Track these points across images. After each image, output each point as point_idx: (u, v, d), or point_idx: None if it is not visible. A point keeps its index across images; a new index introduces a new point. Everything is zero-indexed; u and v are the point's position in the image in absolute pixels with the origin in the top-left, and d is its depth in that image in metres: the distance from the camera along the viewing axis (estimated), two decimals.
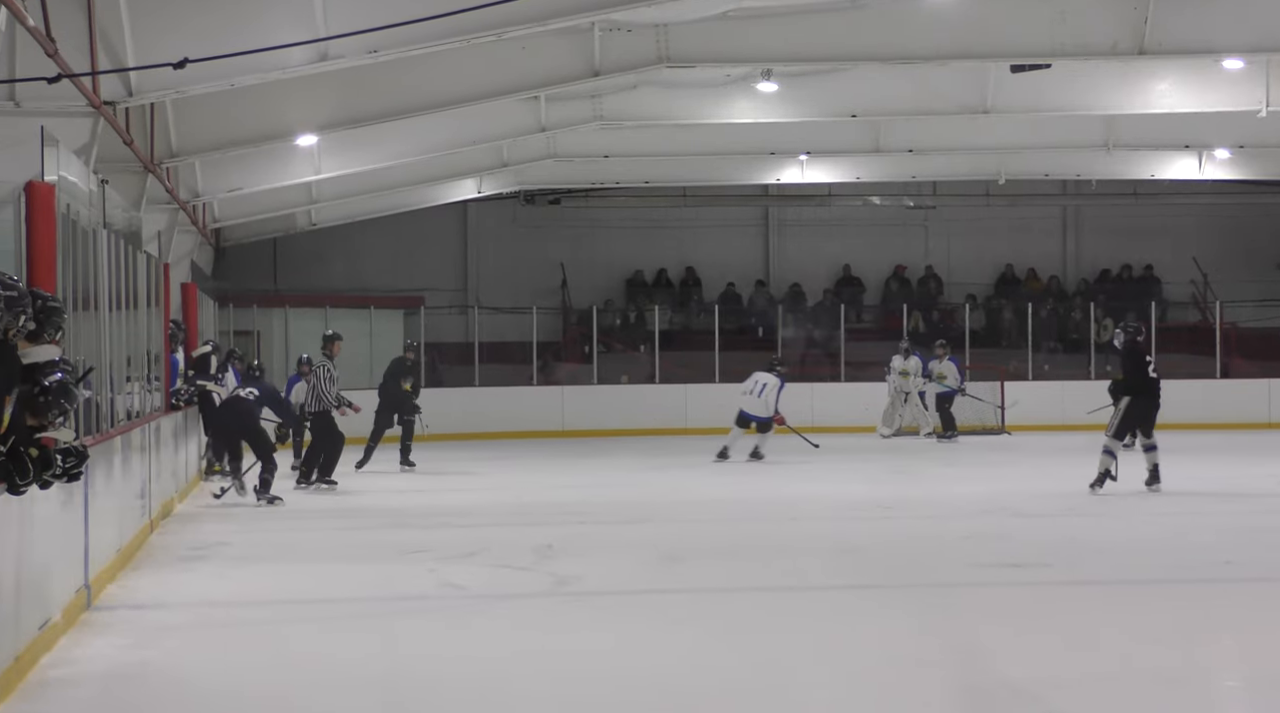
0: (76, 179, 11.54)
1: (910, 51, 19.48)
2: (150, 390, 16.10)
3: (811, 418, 29.49)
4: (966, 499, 17.70)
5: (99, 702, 8.26)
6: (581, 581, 12.04)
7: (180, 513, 17.21)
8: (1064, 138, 26.26)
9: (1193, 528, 15.10)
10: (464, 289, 34.37)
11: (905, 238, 35.47)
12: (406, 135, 22.20)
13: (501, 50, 18.55)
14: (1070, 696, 7.99)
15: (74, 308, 11.06)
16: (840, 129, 25.39)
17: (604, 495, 18.92)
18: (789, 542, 14.28)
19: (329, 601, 11.44)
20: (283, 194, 24.80)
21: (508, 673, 8.72)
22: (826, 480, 20.41)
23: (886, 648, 9.34)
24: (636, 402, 30.39)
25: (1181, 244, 34.89)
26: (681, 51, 19.10)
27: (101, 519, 11.52)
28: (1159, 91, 22.27)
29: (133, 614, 10.76)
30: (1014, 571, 12.51)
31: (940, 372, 27.53)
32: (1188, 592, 11.60)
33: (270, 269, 32.74)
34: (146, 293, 15.73)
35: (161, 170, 18.46)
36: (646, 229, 34.79)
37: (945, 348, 28.14)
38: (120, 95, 14.64)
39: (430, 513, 16.88)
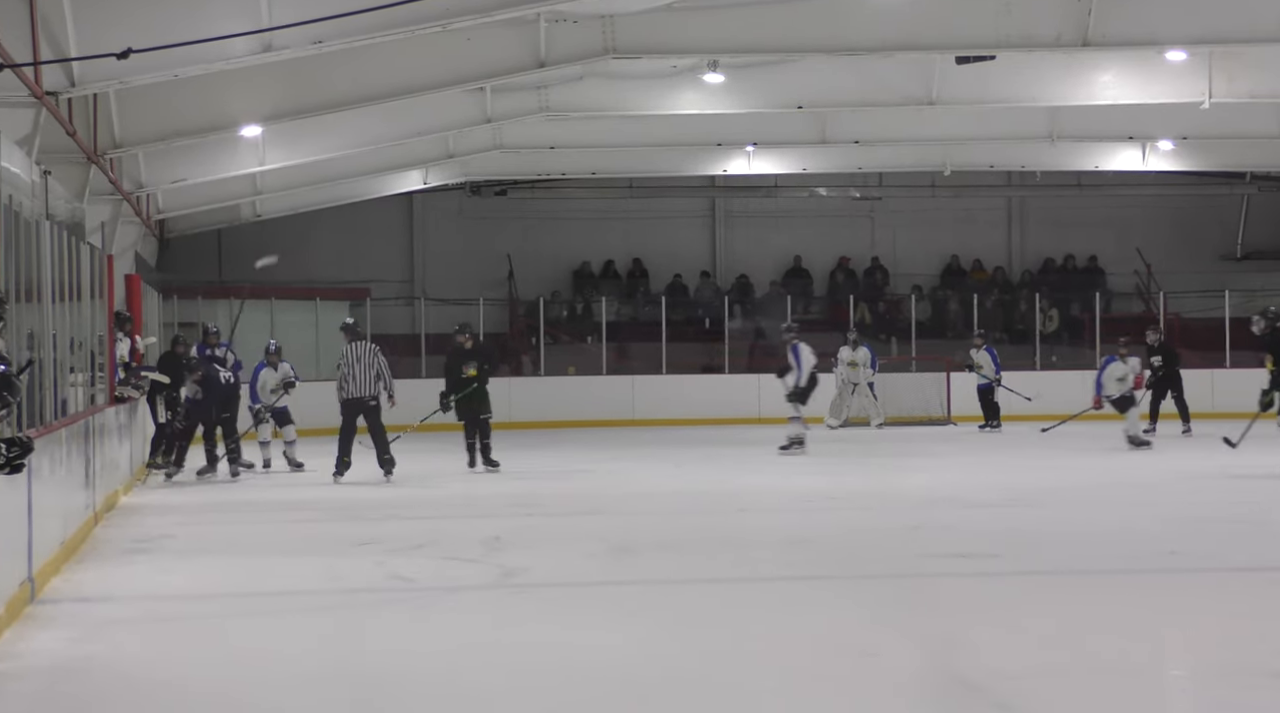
0: (19, 170, 11.44)
1: (856, 43, 19.55)
2: (94, 382, 16.00)
3: (759, 410, 29.59)
4: (915, 490, 17.75)
5: (43, 696, 8.19)
6: (529, 572, 12.00)
7: (125, 505, 17.11)
8: (1009, 129, 26.40)
9: (1139, 518, 15.17)
10: (410, 281, 34.30)
11: (851, 229, 35.56)
12: (351, 127, 22.16)
13: (447, 41, 18.53)
14: (1018, 687, 8.01)
15: (16, 300, 10.96)
16: (786, 120, 25.45)
17: (552, 487, 18.90)
18: (738, 533, 14.29)
19: (276, 594, 11.39)
20: (227, 185, 24.70)
21: (456, 665, 8.69)
22: (775, 472, 20.43)
23: (836, 639, 9.35)
24: (584, 393, 30.40)
25: (1125, 235, 35.09)
26: (628, 42, 19.11)
27: (45, 512, 11.43)
28: (1103, 83, 22.41)
29: (77, 608, 10.69)
30: (962, 561, 12.54)
31: (978, 362, 27.59)
32: (1134, 582, 11.63)
33: (215, 261, 32.56)
34: (90, 285, 15.62)
35: (105, 161, 18.36)
36: (593, 220, 34.77)
37: (983, 338, 28.25)
38: (63, 85, 14.56)
39: (378, 505, 16.82)
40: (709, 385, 30.84)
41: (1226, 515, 15.15)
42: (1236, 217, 35.60)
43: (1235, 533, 14.03)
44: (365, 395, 19.02)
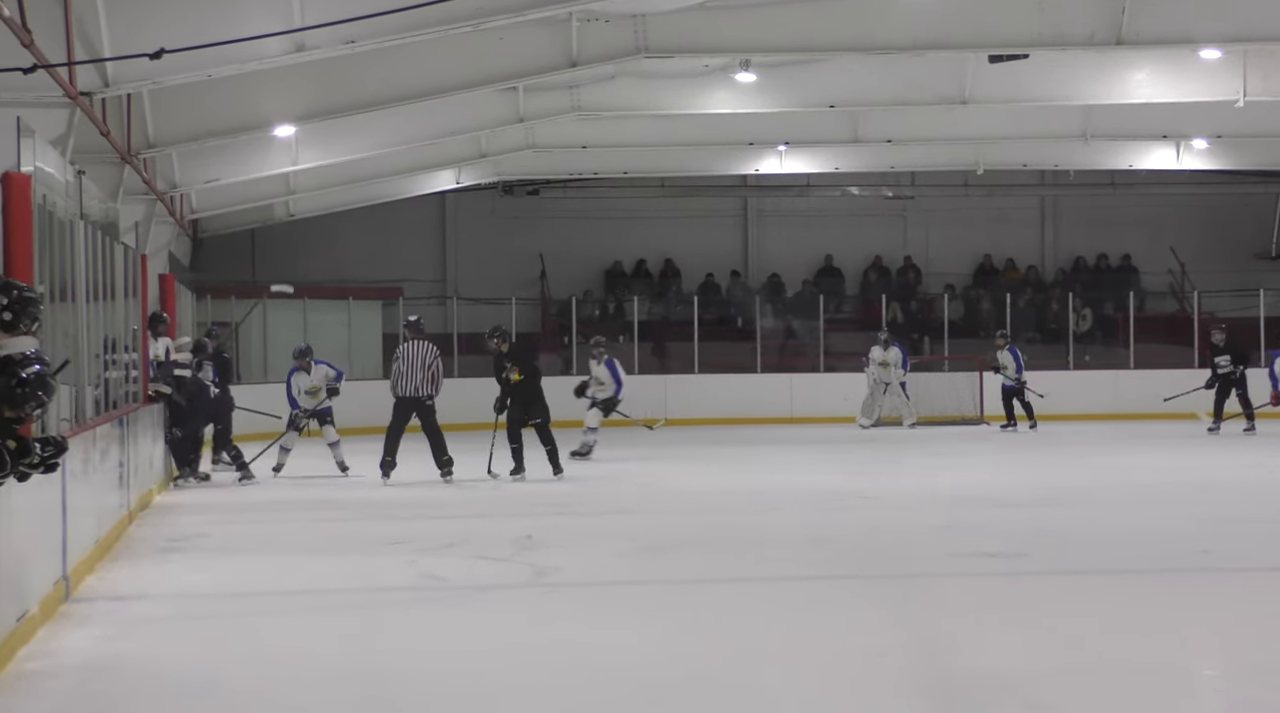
0: (53, 170, 11.50)
1: (889, 42, 19.50)
2: (129, 381, 16.07)
3: (791, 409, 29.59)
4: (944, 489, 17.72)
5: (77, 694, 8.24)
6: (559, 572, 12.03)
7: (159, 504, 17.18)
8: (1042, 128, 26.31)
9: (1170, 517, 15.14)
10: (443, 280, 34.35)
11: (883, 228, 35.49)
12: (384, 126, 22.19)
13: (479, 41, 18.54)
14: (1046, 687, 8.00)
15: (51, 299, 11.02)
16: (819, 119, 25.41)
17: (583, 487, 18.91)
18: (766, 533, 14.29)
19: (308, 592, 11.43)
20: (260, 185, 24.76)
21: (486, 665, 8.72)
22: (805, 472, 20.43)
23: (861, 639, 9.35)
24: None
25: (1159, 234, 34.96)
26: (659, 42, 19.09)
27: (80, 510, 11.49)
28: (1136, 82, 22.32)
29: (111, 606, 10.74)
30: (991, 561, 12.53)
31: (1002, 363, 27.54)
32: (1166, 582, 11.61)
33: (248, 260, 32.66)
34: (124, 284, 15.69)
35: (138, 161, 18.42)
36: (625, 220, 34.77)
37: (1005, 338, 28.14)
38: (96, 86, 14.61)
39: (409, 505, 16.86)
40: (740, 385, 30.80)
41: (1261, 515, 15.10)
42: (1271, 215, 35.44)
43: (1271, 533, 13.98)
44: (421, 395, 18.81)
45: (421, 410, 18.85)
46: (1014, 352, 27.73)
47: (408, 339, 19.23)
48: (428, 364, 18.86)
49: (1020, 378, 27.38)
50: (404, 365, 18.89)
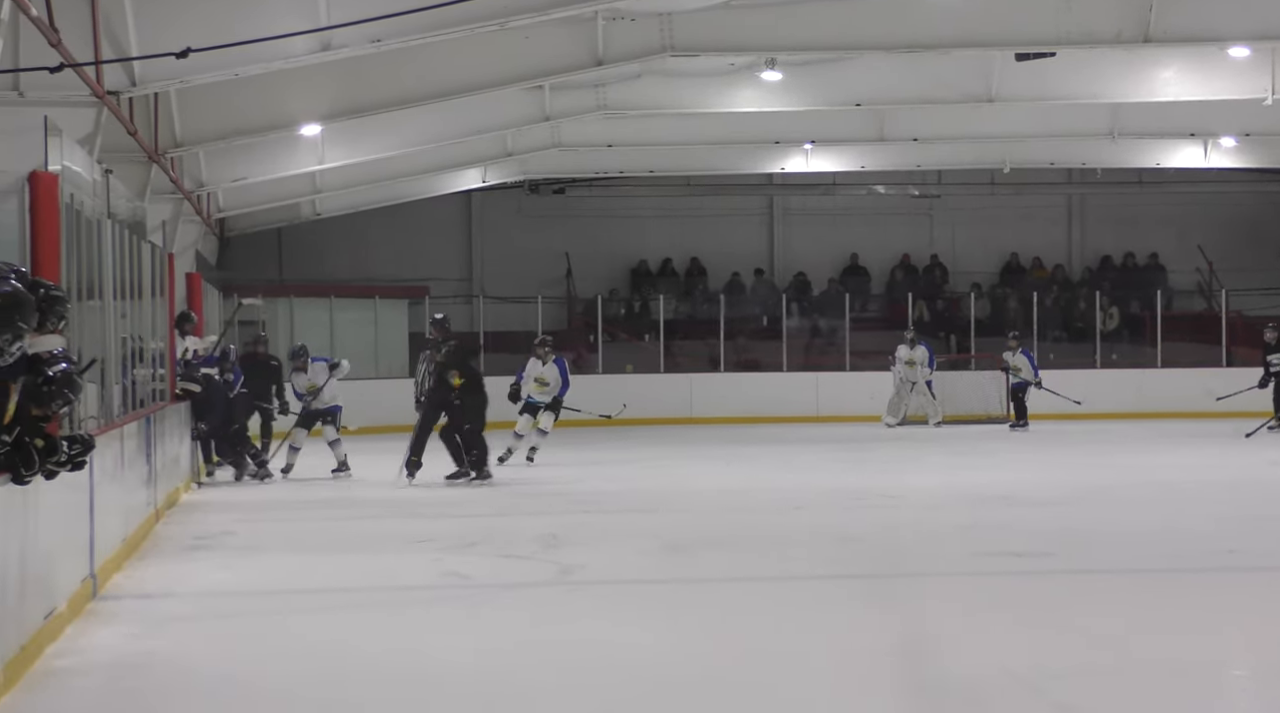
0: (80, 169, 11.55)
1: (915, 40, 19.47)
2: (156, 379, 16.12)
3: (817, 408, 29.56)
4: (969, 489, 17.70)
5: (105, 692, 8.27)
6: (584, 570, 12.05)
7: (186, 502, 17.23)
8: (1069, 126, 26.25)
9: (1196, 517, 15.09)
10: (469, 279, 34.37)
11: (910, 227, 35.42)
12: (410, 125, 22.22)
13: (505, 40, 18.56)
14: (1071, 686, 7.99)
15: (78, 298, 11.07)
16: (845, 118, 25.39)
17: (607, 485, 18.93)
18: (791, 532, 14.29)
19: (334, 590, 11.46)
20: (287, 184, 24.81)
21: (510, 662, 8.73)
22: (830, 471, 20.41)
23: (885, 638, 9.35)
24: (641, 391, 30.37)
25: (1187, 232, 34.84)
26: (685, 40, 19.09)
27: (107, 509, 11.53)
28: (1164, 80, 22.26)
29: (138, 604, 10.78)
30: (1015, 560, 12.51)
31: (1015, 364, 27.53)
32: (1191, 581, 11.59)
33: (275, 259, 32.73)
34: (151, 283, 15.74)
35: (165, 160, 18.48)
36: (651, 218, 34.76)
37: (1018, 340, 28.16)
38: (124, 85, 14.67)
39: (434, 503, 16.89)
40: (766, 383, 30.78)
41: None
42: None
43: None
44: (450, 396, 18.52)
45: (450, 409, 18.61)
46: (1027, 354, 27.75)
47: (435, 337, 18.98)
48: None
49: (1037, 380, 27.37)
50: (430, 365, 18.66)
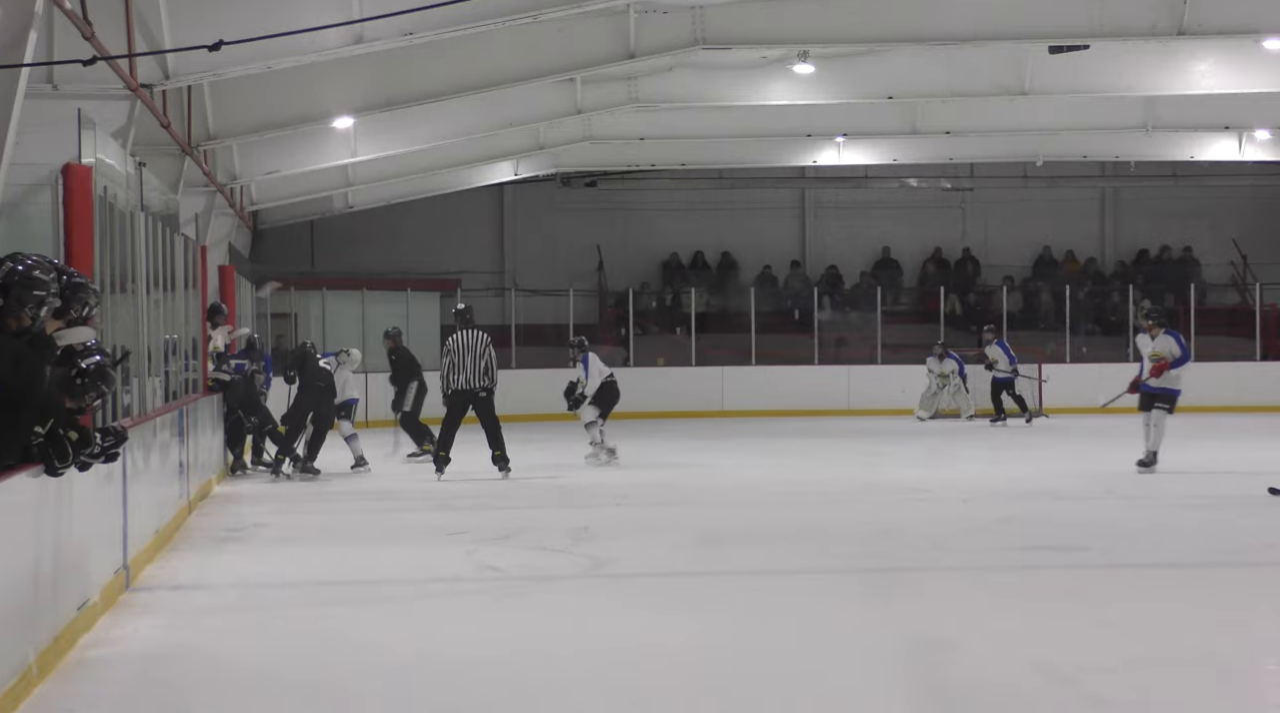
0: (114, 162, 11.57)
1: (948, 33, 19.41)
2: (188, 371, 16.15)
3: (848, 401, 29.50)
4: (1004, 482, 17.63)
5: (137, 682, 8.28)
6: (617, 563, 12.04)
7: (218, 494, 17.26)
8: (1102, 119, 26.16)
9: (1234, 511, 15.00)
10: (501, 272, 34.42)
11: (942, 220, 35.38)
12: (442, 118, 22.22)
13: (537, 32, 18.56)
14: (1106, 681, 7.95)
15: (111, 290, 11.09)
16: (877, 111, 25.33)
17: (640, 478, 18.89)
18: (824, 525, 14.25)
19: (366, 583, 11.46)
20: (319, 177, 24.85)
21: (544, 655, 8.72)
22: (863, 463, 20.36)
23: (922, 631, 9.32)
24: (673, 384, 30.39)
25: (1221, 226, 34.73)
26: (717, 33, 19.05)
27: (140, 501, 11.56)
28: (1199, 72, 22.15)
29: (171, 596, 10.80)
30: (1052, 554, 12.47)
31: (992, 357, 27.48)
32: (1229, 576, 11.53)
33: (307, 252, 32.82)
34: (184, 275, 15.77)
35: (199, 153, 18.51)
36: (683, 211, 34.77)
37: (994, 332, 28.10)
38: (157, 78, 14.69)
39: (467, 495, 16.89)
40: (798, 376, 30.73)
41: None
42: None
43: None
44: (475, 386, 18.23)
45: (477, 403, 18.36)
46: (1004, 346, 27.67)
47: (457, 329, 18.70)
48: (480, 354, 18.33)
49: (1013, 369, 27.34)
50: (455, 357, 18.37)
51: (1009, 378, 27.41)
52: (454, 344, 18.47)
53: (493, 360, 18.46)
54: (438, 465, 18.39)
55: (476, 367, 18.30)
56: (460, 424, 18.51)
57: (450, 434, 18.44)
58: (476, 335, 18.45)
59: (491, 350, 18.45)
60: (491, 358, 18.44)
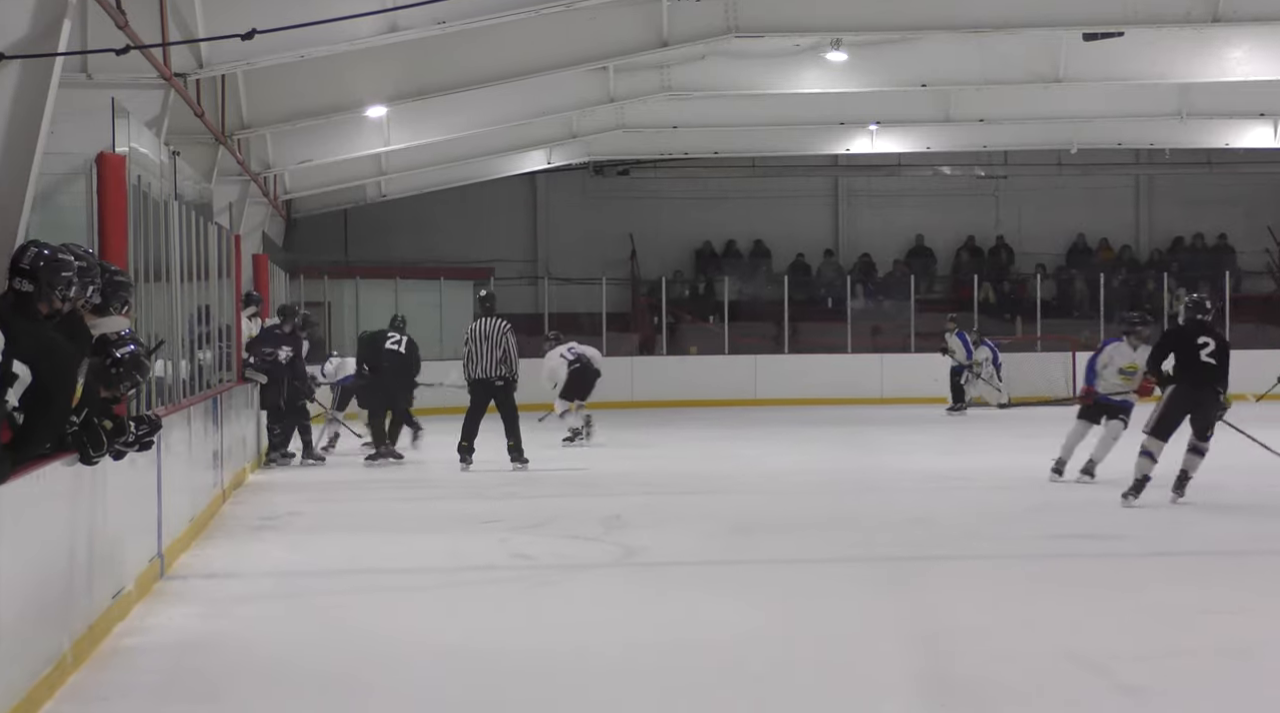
0: (147, 151, 11.60)
1: (981, 20, 19.32)
2: (223, 361, 16.19)
3: (881, 390, 29.45)
4: (1040, 470, 17.54)
5: (172, 671, 8.30)
6: (649, 551, 12.04)
7: (252, 483, 17.30)
8: (1137, 107, 26.04)
9: (1270, 497, 14.95)
10: (534, 260, 34.45)
11: (975, 208, 35.29)
12: (475, 107, 22.23)
13: (570, 21, 18.54)
14: (1139, 669, 7.93)
15: (145, 279, 11.12)
16: (910, 99, 25.25)
17: (673, 466, 18.90)
18: (858, 513, 14.22)
19: (400, 571, 11.48)
20: (353, 166, 24.90)
21: (576, 644, 8.72)
22: (897, 451, 20.33)
23: (954, 619, 9.31)
24: (705, 373, 30.39)
25: (1256, 213, 34.57)
26: (750, 21, 19.00)
27: (174, 489, 11.59)
28: (1234, 59, 22.03)
29: (205, 584, 10.82)
30: (1086, 542, 12.43)
31: (951, 347, 27.44)
32: (1267, 563, 11.49)
33: (341, 240, 32.88)
34: (218, 264, 15.81)
35: (232, 142, 18.56)
36: (715, 200, 34.75)
37: (955, 322, 28.03)
38: (191, 67, 14.73)
39: (499, 484, 16.90)
40: (831, 365, 30.70)
41: None
42: None
43: None
44: (491, 376, 17.92)
45: (495, 393, 17.98)
46: (962, 336, 27.55)
47: (478, 316, 18.45)
48: (496, 343, 17.91)
49: (968, 363, 27.23)
50: (474, 346, 18.03)
51: (960, 368, 27.34)
52: (473, 332, 18.21)
53: (511, 350, 18.01)
54: (462, 456, 18.13)
55: (493, 356, 17.93)
56: (483, 414, 18.23)
57: (473, 425, 18.20)
58: (495, 324, 18.09)
59: (510, 339, 18.03)
60: (510, 347, 18.00)
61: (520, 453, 18.04)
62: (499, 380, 17.98)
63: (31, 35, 9.67)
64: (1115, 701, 7.46)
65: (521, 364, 18.23)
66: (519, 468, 17.92)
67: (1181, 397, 14.12)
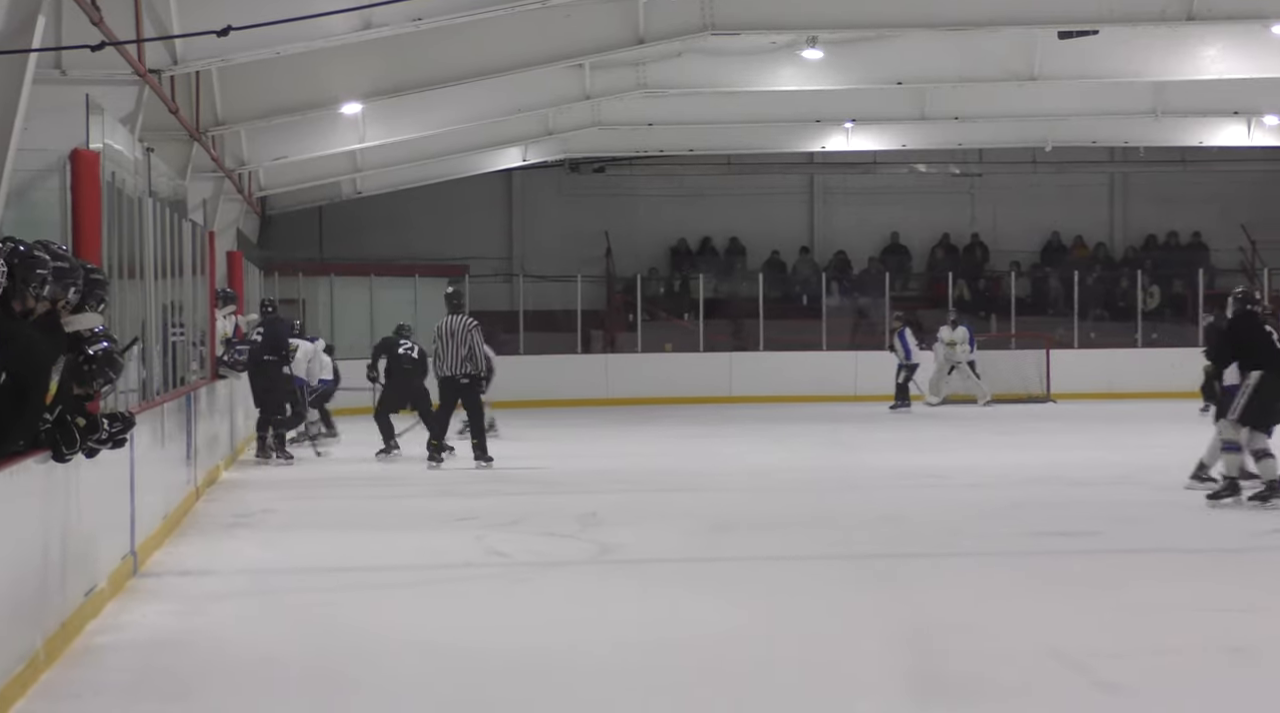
0: (122, 147, 11.55)
1: (957, 18, 19.33)
2: (196, 358, 16.13)
3: (855, 387, 29.46)
4: (1016, 468, 17.60)
5: (144, 668, 8.27)
6: (625, 549, 12.03)
7: (226, 480, 17.25)
8: (1112, 105, 26.09)
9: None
10: (509, 257, 34.39)
11: (951, 206, 35.31)
12: (451, 104, 22.18)
13: (546, 18, 18.50)
14: (1119, 666, 7.93)
15: (119, 276, 11.07)
16: (886, 96, 25.26)
17: (648, 464, 18.89)
18: (835, 511, 14.22)
19: (375, 568, 11.44)
20: (328, 162, 24.83)
21: (552, 641, 8.70)
22: (874, 449, 20.35)
23: (934, 617, 9.31)
24: (681, 370, 30.38)
25: (1230, 211, 34.64)
26: (726, 18, 18.99)
27: (148, 486, 11.54)
28: (1208, 58, 22.08)
29: (179, 581, 10.79)
30: (1065, 539, 12.45)
31: (896, 344, 27.46)
32: (1243, 561, 11.51)
33: (316, 238, 32.79)
34: (192, 261, 15.75)
35: (207, 139, 18.49)
36: (691, 197, 34.72)
37: (901, 320, 28.06)
38: (165, 63, 14.68)
39: (475, 481, 16.88)
40: (806, 362, 30.71)
41: None
42: None
43: None
44: (456, 374, 17.79)
45: (461, 391, 17.87)
46: (903, 337, 27.57)
47: (446, 314, 18.25)
48: (461, 340, 17.76)
49: (908, 362, 27.25)
50: (440, 343, 17.94)
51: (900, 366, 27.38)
52: (439, 330, 18.07)
53: (477, 347, 17.86)
54: (431, 455, 18.03)
55: (458, 354, 17.77)
56: (453, 412, 18.16)
57: (443, 423, 18.13)
58: (461, 321, 17.95)
59: (475, 337, 17.85)
60: (475, 345, 17.84)
61: (484, 451, 17.95)
62: (464, 378, 17.85)
63: (6, 31, 9.64)
64: (1096, 698, 7.46)
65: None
66: (482, 466, 17.83)
67: (1272, 383, 13.69)
